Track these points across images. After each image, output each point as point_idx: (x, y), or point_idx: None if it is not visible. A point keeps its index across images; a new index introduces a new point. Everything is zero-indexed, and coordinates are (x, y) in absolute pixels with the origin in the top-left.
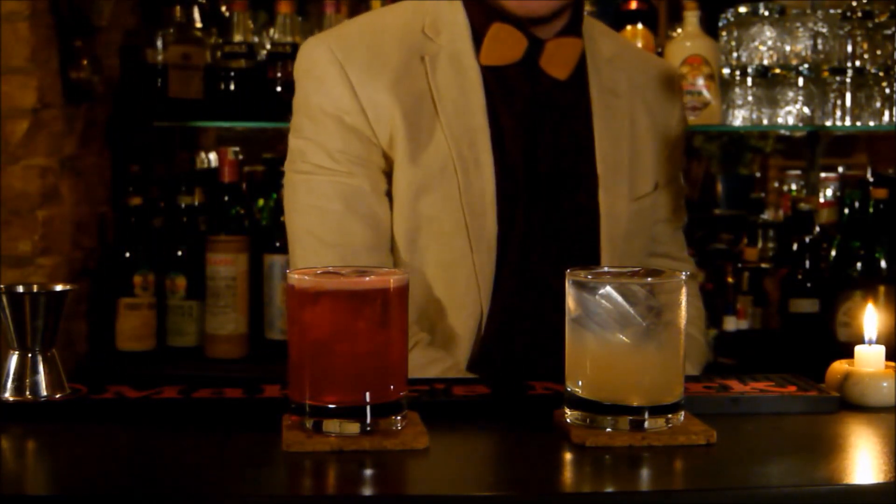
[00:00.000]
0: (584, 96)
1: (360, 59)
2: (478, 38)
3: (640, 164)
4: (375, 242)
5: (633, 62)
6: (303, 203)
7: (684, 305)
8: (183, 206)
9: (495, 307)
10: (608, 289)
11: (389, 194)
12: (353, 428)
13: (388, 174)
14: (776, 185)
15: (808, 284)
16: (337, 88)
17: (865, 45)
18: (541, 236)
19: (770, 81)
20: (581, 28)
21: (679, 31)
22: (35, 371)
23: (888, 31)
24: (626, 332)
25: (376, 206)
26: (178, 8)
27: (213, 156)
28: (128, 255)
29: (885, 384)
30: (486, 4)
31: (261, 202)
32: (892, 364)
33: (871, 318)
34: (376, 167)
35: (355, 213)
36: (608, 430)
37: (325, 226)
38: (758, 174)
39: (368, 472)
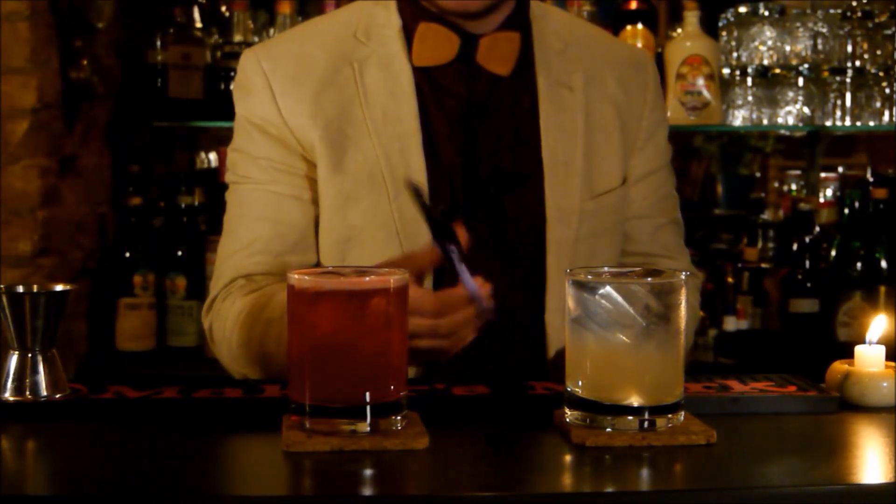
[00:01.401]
0: (532, 92)
1: (284, 69)
2: (411, 40)
3: (600, 160)
4: (287, 247)
5: (594, 53)
6: (232, 213)
7: (684, 305)
8: (183, 206)
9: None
10: (608, 289)
11: (316, 199)
12: (363, 427)
13: (315, 180)
14: (776, 185)
15: (808, 284)
16: (261, 100)
17: (865, 45)
18: (484, 240)
19: (770, 81)
20: (523, 21)
21: (679, 31)
22: (35, 371)
23: (888, 31)
24: (626, 332)
25: (295, 213)
26: (178, 8)
27: (213, 156)
28: (128, 255)
29: (885, 384)
30: (418, 4)
31: None
32: (892, 364)
33: (878, 325)
34: (301, 174)
35: (270, 220)
36: (608, 430)
37: (240, 232)
38: (758, 174)
39: (368, 472)
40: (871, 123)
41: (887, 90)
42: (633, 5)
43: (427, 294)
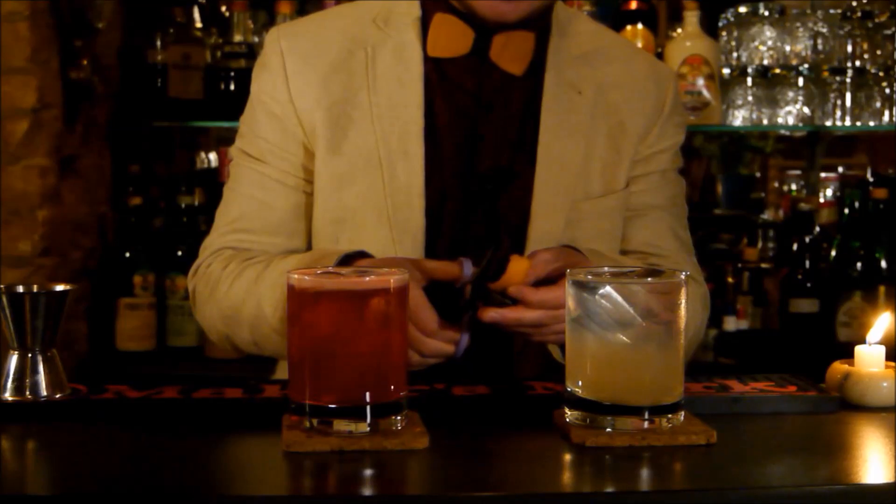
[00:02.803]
0: (540, 92)
1: (300, 48)
2: (427, 30)
3: (601, 163)
4: (268, 228)
5: (613, 62)
6: (228, 184)
7: (684, 305)
8: (183, 206)
9: None
10: (608, 289)
11: (306, 189)
12: (363, 427)
13: (308, 168)
14: (776, 185)
15: (808, 284)
16: (273, 77)
17: (865, 45)
18: (472, 235)
19: (770, 81)
20: (542, 22)
21: (679, 31)
22: (35, 371)
23: (888, 31)
24: (626, 332)
25: (278, 197)
26: (178, 8)
27: (213, 156)
28: (128, 255)
29: (885, 384)
30: None
31: None
32: (893, 364)
33: (882, 323)
34: (293, 160)
35: (256, 199)
36: (608, 430)
37: (230, 205)
38: (758, 174)
39: (368, 472)
40: (871, 123)
41: (887, 90)
42: (633, 5)
43: (432, 313)
